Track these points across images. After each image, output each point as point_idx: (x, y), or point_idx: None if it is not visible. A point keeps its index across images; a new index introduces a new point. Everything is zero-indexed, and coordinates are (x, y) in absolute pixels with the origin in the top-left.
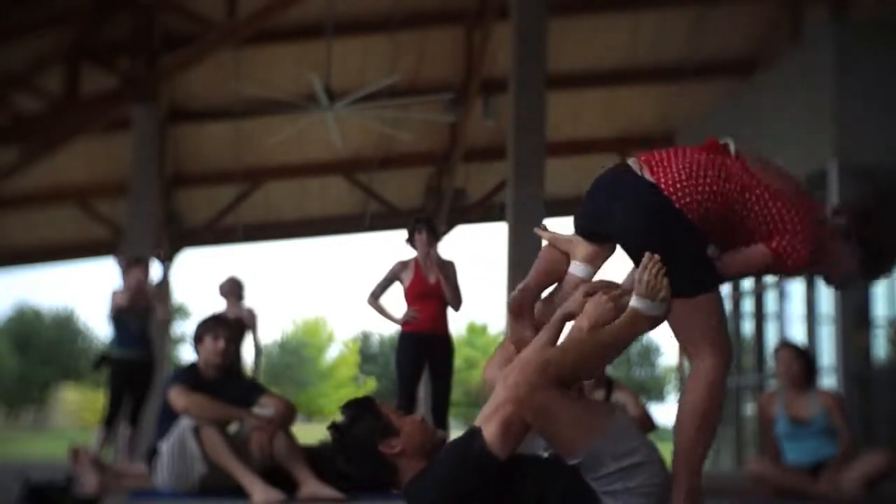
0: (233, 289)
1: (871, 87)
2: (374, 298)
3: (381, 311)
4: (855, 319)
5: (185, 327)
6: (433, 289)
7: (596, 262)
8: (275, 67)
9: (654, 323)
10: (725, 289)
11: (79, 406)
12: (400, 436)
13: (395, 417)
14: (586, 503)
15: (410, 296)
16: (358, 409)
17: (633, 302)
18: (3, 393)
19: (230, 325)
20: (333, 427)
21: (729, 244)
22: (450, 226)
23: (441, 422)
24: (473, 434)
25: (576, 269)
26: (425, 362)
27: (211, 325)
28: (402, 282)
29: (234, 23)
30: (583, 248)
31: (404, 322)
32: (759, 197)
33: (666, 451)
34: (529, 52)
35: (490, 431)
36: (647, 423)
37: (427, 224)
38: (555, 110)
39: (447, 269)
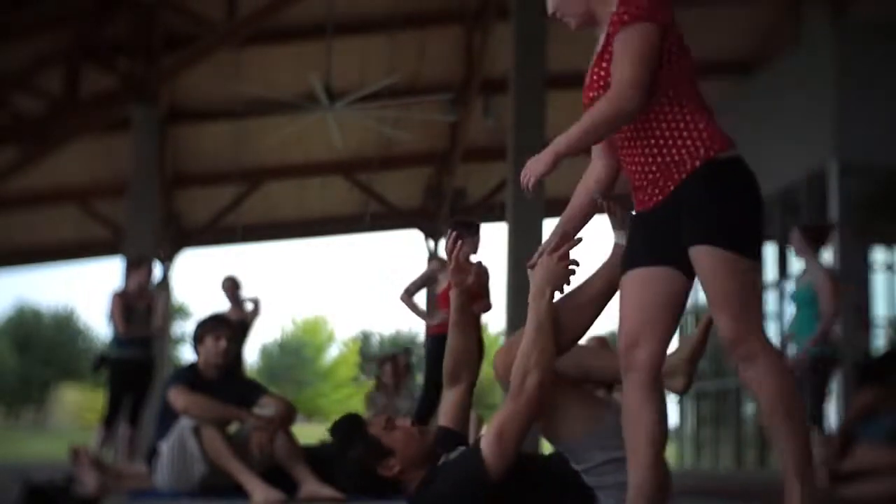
0: (233, 288)
1: (870, 87)
2: (409, 295)
3: (414, 308)
4: (855, 319)
5: (185, 327)
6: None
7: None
8: (275, 67)
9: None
10: None
11: (79, 406)
12: (395, 454)
13: (386, 435)
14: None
15: (444, 297)
16: (347, 434)
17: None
18: (3, 393)
19: (231, 325)
20: (331, 450)
21: None
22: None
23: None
24: (473, 453)
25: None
26: None
27: (212, 325)
28: (437, 282)
29: (234, 23)
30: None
31: (438, 324)
32: None
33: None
34: (529, 52)
35: (487, 444)
36: None
37: (470, 225)
38: (555, 110)
39: (482, 275)
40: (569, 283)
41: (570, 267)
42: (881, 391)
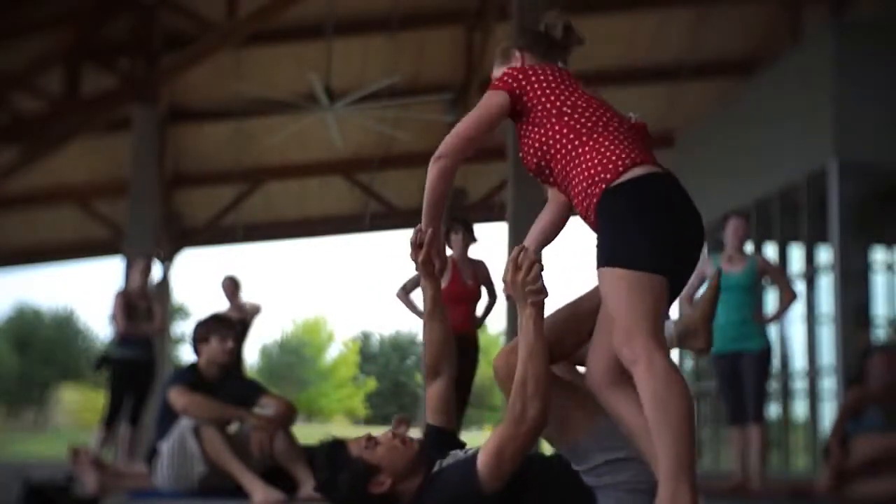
0: (233, 288)
1: (870, 86)
2: (405, 292)
3: (411, 305)
4: (855, 319)
5: (184, 327)
6: (469, 292)
7: None
8: (275, 67)
9: None
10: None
11: (79, 406)
12: (382, 470)
13: (369, 453)
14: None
15: (444, 296)
16: (332, 463)
17: None
18: (3, 393)
19: (233, 325)
20: (320, 487)
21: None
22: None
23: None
24: (468, 468)
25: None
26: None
27: (216, 326)
28: None
29: (234, 23)
30: None
31: None
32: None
33: None
34: None
35: (483, 462)
36: None
37: (464, 224)
38: None
39: (479, 268)
40: (543, 293)
41: (534, 275)
42: (862, 390)
